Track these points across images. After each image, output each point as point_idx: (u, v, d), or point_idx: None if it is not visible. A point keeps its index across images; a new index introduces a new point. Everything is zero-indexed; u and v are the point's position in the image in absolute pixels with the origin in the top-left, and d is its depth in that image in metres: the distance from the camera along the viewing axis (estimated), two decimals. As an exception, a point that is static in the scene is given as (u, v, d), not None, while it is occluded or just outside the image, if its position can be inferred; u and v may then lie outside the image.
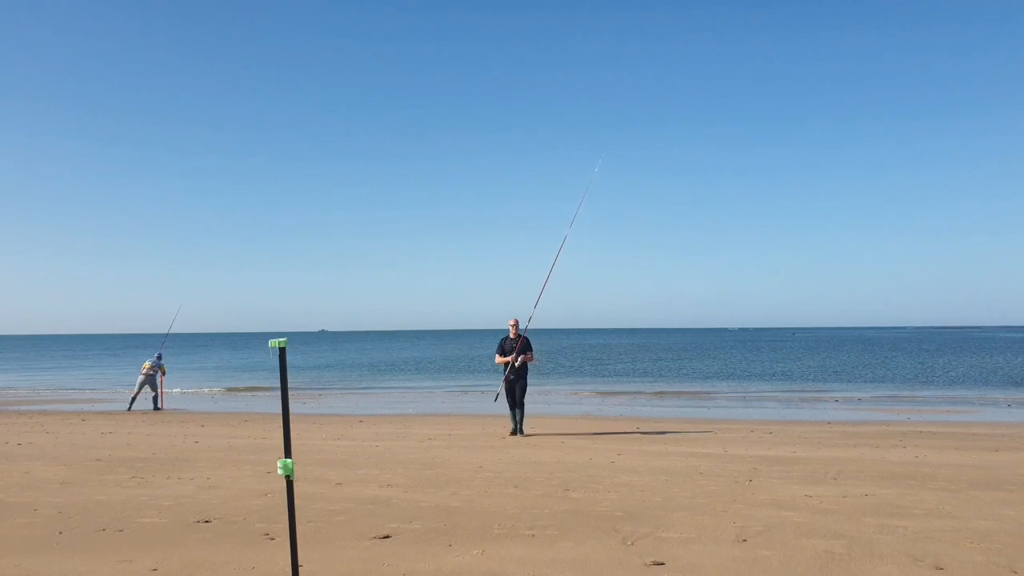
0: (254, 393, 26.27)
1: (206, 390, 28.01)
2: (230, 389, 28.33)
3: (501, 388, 12.57)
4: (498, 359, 12.58)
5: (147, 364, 19.44)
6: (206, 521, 5.80)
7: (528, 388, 12.64)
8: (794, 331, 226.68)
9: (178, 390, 26.58)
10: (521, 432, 12.20)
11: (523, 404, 12.48)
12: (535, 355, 12.68)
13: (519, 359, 12.27)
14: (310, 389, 27.75)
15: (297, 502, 4.38)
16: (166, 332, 21.84)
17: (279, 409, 4.12)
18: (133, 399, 19.26)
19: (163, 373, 19.68)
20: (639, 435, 12.23)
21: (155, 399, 19.26)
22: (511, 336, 12.48)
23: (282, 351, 4.13)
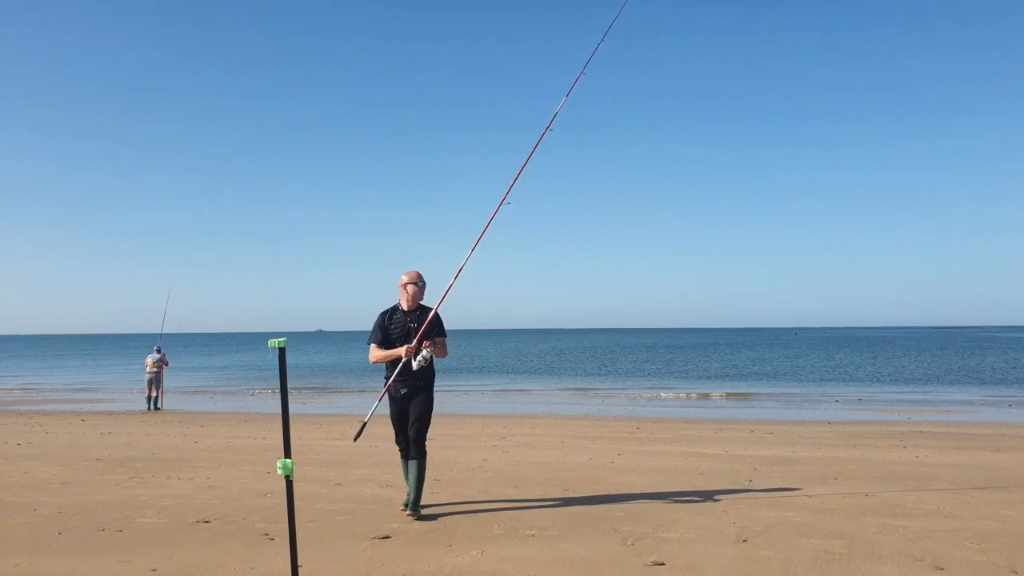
0: (253, 393, 26.25)
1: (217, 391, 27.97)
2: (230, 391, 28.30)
3: (375, 410, 6.18)
4: (376, 353, 6.17)
5: (150, 360, 19.40)
6: (206, 521, 5.80)
7: (429, 404, 6.20)
8: (796, 331, 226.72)
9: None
10: (412, 508, 5.94)
11: (423, 445, 6.06)
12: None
13: (423, 352, 5.94)
14: (310, 389, 27.73)
15: (297, 502, 4.37)
16: (162, 317, 20.97)
17: (279, 409, 4.12)
18: (148, 398, 19.29)
19: (166, 364, 19.64)
20: (639, 435, 12.22)
21: (156, 399, 19.27)
22: (405, 307, 6.15)
23: (282, 351, 4.13)
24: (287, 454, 4.13)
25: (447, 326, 6.28)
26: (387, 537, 5.30)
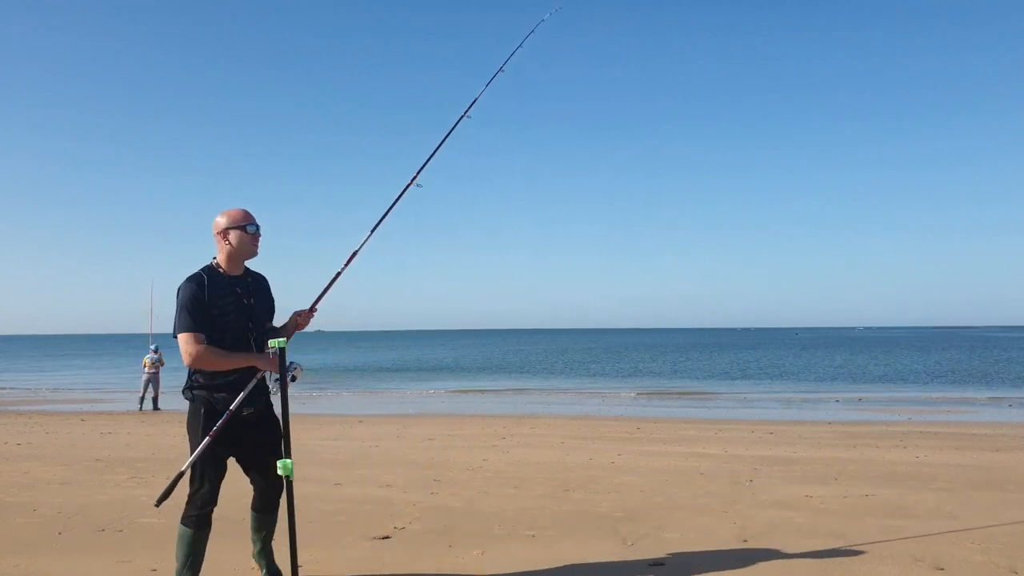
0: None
1: None
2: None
3: (202, 450, 4.01)
4: (210, 355, 3.71)
5: (148, 360, 19.33)
6: (206, 521, 5.79)
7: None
8: (796, 331, 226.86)
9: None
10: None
11: (276, 499, 4.21)
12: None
13: (295, 372, 3.93)
14: (309, 389, 27.73)
15: (297, 502, 4.37)
16: (150, 314, 20.91)
17: (279, 409, 4.12)
18: (142, 399, 19.26)
19: (162, 363, 19.57)
20: (639, 435, 12.22)
21: (155, 400, 19.25)
22: (227, 268, 3.86)
23: (282, 351, 4.13)
24: (287, 454, 4.13)
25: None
26: (387, 537, 5.30)
